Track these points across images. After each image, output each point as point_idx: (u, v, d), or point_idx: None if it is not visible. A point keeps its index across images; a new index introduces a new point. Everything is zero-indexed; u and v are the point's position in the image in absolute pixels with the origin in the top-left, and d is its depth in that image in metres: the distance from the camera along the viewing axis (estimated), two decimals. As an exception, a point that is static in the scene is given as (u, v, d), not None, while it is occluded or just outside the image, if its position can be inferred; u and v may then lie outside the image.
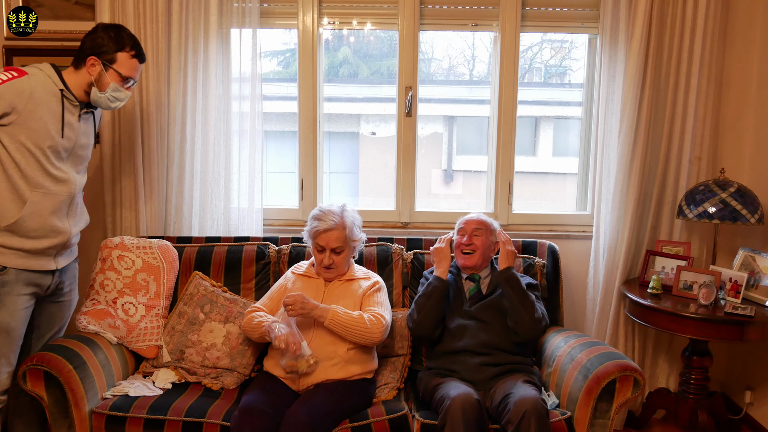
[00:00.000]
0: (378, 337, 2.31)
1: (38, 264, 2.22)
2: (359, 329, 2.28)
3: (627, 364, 2.19)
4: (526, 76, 3.41)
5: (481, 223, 2.56)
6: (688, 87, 2.88)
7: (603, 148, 2.98)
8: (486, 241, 2.54)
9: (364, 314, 2.32)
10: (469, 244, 2.53)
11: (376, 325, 2.30)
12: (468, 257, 2.54)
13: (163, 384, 2.42)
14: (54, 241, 2.23)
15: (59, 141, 2.18)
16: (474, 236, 2.54)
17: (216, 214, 2.99)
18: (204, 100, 2.91)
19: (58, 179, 2.20)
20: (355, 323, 2.28)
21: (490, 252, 2.57)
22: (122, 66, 2.26)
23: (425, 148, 3.36)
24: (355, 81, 3.36)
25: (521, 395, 2.06)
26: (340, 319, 2.27)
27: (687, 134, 2.90)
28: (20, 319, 2.20)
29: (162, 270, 2.62)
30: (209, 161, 2.95)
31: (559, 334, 2.56)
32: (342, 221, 2.42)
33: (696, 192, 2.79)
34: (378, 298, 2.42)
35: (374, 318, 2.32)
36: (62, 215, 2.25)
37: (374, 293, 2.43)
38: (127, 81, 2.30)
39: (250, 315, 2.42)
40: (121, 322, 2.51)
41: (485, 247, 2.54)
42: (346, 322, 2.28)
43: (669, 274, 2.86)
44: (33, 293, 2.24)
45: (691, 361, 2.80)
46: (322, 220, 2.41)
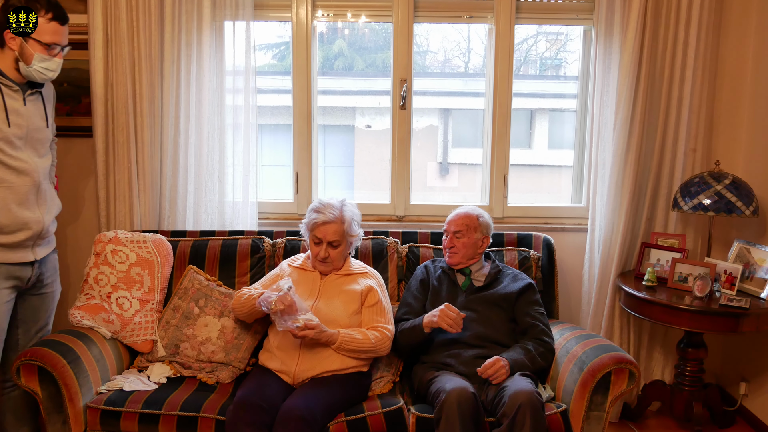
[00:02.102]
0: (385, 352, 2.36)
1: (16, 256, 2.19)
2: (366, 350, 2.31)
3: (622, 357, 2.19)
4: (521, 69, 3.39)
5: (463, 224, 2.57)
6: (683, 79, 2.87)
7: (598, 141, 2.97)
8: (468, 241, 2.56)
9: (369, 333, 2.33)
10: (451, 246, 2.57)
11: (381, 342, 2.33)
12: (451, 257, 2.58)
13: (158, 378, 2.41)
14: (29, 232, 2.20)
15: (8, 131, 2.11)
16: (455, 238, 2.57)
17: (210, 207, 2.98)
18: (198, 93, 2.89)
19: (18, 170, 2.15)
20: (361, 347, 2.30)
21: (475, 249, 2.58)
22: (42, 33, 2.11)
23: (420, 141, 3.35)
24: (349, 74, 3.35)
25: (516, 388, 2.06)
26: (348, 347, 2.28)
27: (682, 126, 2.90)
28: (2, 313, 2.18)
29: (156, 264, 2.61)
30: (203, 155, 2.93)
31: (554, 327, 2.56)
32: (341, 215, 2.41)
33: (691, 184, 2.79)
34: (380, 307, 2.41)
35: (379, 334, 2.33)
36: (31, 205, 2.21)
37: (378, 303, 2.41)
38: (52, 48, 2.15)
39: (238, 293, 2.44)
40: (116, 316, 2.50)
41: (467, 247, 2.56)
42: (354, 347, 2.29)
43: (664, 267, 2.86)
44: (14, 286, 2.22)
45: (686, 353, 2.80)
46: (321, 213, 2.41)
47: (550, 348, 2.38)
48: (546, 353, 2.36)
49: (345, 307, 2.37)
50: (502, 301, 2.47)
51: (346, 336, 2.28)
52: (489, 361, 2.24)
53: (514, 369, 2.25)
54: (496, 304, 2.46)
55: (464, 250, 2.55)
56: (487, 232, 2.61)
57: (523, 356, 2.30)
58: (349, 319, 2.36)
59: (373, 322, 2.38)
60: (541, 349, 2.35)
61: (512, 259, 2.77)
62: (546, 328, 2.43)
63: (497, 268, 2.58)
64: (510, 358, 2.27)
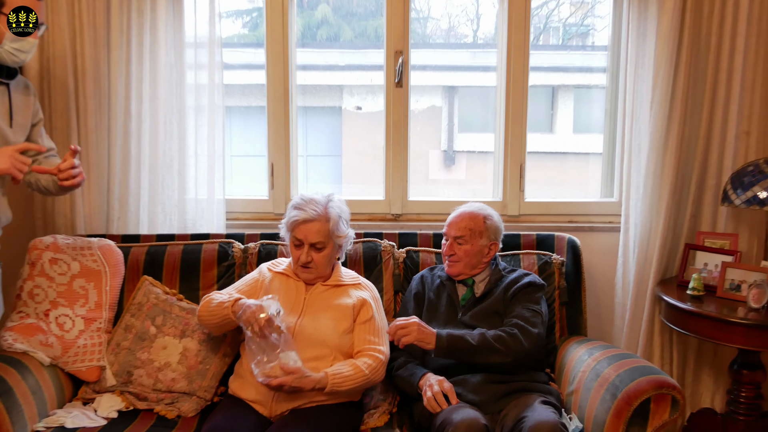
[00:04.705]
0: (380, 379, 2.36)
1: None
2: (359, 383, 2.29)
3: (663, 381, 2.19)
4: (540, 38, 3.42)
5: (466, 228, 2.56)
6: (733, 48, 2.87)
7: (632, 123, 2.97)
8: (471, 249, 2.55)
9: (360, 363, 2.31)
10: (452, 254, 2.56)
11: (375, 371, 2.32)
12: (450, 266, 2.58)
13: (107, 412, 2.40)
14: None
15: None
16: (456, 244, 2.56)
17: (169, 207, 2.98)
18: (152, 69, 2.88)
19: None
20: (355, 384, 2.28)
21: (480, 258, 2.57)
22: (14, 7, 2.16)
23: (420, 124, 3.36)
24: (335, 45, 3.36)
25: (537, 419, 2.06)
26: (341, 389, 2.26)
27: (733, 105, 2.90)
28: None
29: (104, 275, 2.61)
30: (159, 143, 2.93)
31: (581, 346, 2.56)
32: (326, 212, 2.41)
33: (744, 174, 2.79)
34: (372, 325, 2.41)
35: (372, 361, 2.32)
36: None
37: (370, 320, 2.41)
38: None
39: (207, 298, 2.41)
40: (55, 338, 2.49)
41: (470, 256, 2.55)
42: (347, 387, 2.27)
43: (712, 272, 2.86)
44: None
45: (740, 375, 2.80)
46: (302, 210, 2.40)
47: (528, 334, 2.35)
48: (516, 335, 2.34)
49: (335, 324, 2.37)
50: (501, 306, 2.48)
51: (335, 378, 2.25)
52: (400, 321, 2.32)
53: (451, 344, 2.29)
54: (495, 313, 2.47)
55: (466, 259, 2.55)
56: (496, 238, 2.60)
57: (472, 334, 2.34)
58: (339, 339, 2.35)
59: (364, 343, 2.37)
60: (507, 333, 2.34)
61: (530, 265, 2.77)
62: (525, 323, 2.38)
63: (498, 273, 2.58)
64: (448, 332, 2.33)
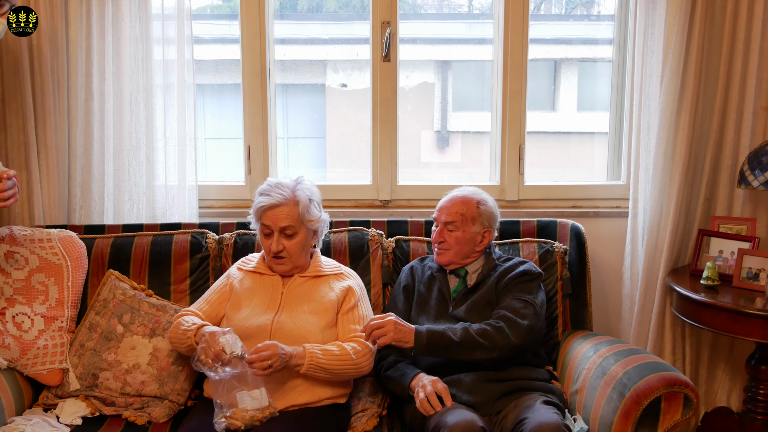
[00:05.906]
0: (368, 369, 2.35)
1: None
2: (345, 367, 2.28)
3: (675, 378, 2.20)
4: (541, 7, 3.43)
5: (457, 213, 2.55)
6: (751, 15, 2.86)
7: (641, 99, 2.97)
8: (463, 236, 2.54)
9: (346, 345, 2.31)
10: (441, 241, 2.56)
11: (363, 355, 2.32)
12: (440, 255, 2.58)
13: (71, 419, 2.40)
14: None
15: None
16: (446, 231, 2.55)
17: (136, 194, 2.98)
18: (115, 43, 2.87)
19: None
20: (338, 362, 2.27)
21: (472, 246, 2.56)
22: None
23: (411, 103, 3.36)
24: (317, 16, 3.35)
25: (539, 421, 2.07)
26: (321, 362, 2.25)
27: (750, 78, 2.90)
28: None
29: (65, 270, 2.60)
30: (125, 125, 2.92)
31: (586, 341, 2.57)
32: (293, 196, 2.42)
33: (762, 153, 2.79)
34: (358, 313, 2.42)
35: (359, 346, 2.32)
36: None
37: (353, 309, 2.43)
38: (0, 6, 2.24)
39: (178, 319, 2.41)
40: (12, 339, 2.48)
41: (461, 244, 2.54)
42: (329, 364, 2.26)
43: (728, 260, 2.87)
44: None
45: (758, 371, 2.81)
46: (268, 195, 2.42)
47: (516, 326, 2.34)
48: (503, 329, 2.33)
49: (317, 319, 2.37)
50: (494, 297, 2.48)
51: (314, 351, 2.24)
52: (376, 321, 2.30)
53: (431, 340, 2.29)
54: (488, 304, 2.48)
55: (457, 247, 2.54)
56: (490, 225, 2.59)
57: (454, 329, 2.33)
58: (322, 334, 2.36)
59: (349, 333, 2.38)
60: (492, 326, 2.34)
61: (530, 254, 2.77)
62: (513, 315, 2.37)
63: (492, 262, 2.58)
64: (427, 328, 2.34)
